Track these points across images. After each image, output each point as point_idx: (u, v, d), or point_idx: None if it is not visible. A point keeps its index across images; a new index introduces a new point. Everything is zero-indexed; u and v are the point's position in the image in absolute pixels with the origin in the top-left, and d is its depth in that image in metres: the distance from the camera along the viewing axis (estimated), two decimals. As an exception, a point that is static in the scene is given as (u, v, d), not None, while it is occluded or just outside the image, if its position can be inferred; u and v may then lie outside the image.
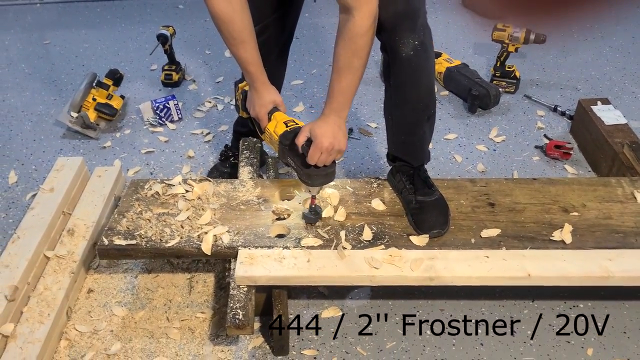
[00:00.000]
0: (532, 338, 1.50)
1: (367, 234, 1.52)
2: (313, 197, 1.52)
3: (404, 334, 1.52)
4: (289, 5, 1.61)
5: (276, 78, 1.81)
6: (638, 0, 3.49)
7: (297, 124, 1.49)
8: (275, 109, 1.56)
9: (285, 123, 1.50)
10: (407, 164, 1.62)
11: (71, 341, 1.49)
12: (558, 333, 1.51)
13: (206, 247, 1.48)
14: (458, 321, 1.55)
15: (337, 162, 1.48)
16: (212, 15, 1.43)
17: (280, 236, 1.53)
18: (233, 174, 1.89)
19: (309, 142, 1.36)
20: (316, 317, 1.56)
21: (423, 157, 1.64)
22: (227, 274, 1.64)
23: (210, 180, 1.71)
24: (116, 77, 2.42)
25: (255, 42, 1.50)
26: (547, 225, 1.56)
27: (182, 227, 1.55)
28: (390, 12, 1.29)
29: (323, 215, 1.57)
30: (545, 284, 1.44)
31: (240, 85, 1.66)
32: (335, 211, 1.59)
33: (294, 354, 1.47)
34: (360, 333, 1.52)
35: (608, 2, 3.43)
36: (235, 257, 1.47)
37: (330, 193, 1.65)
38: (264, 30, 1.64)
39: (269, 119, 1.55)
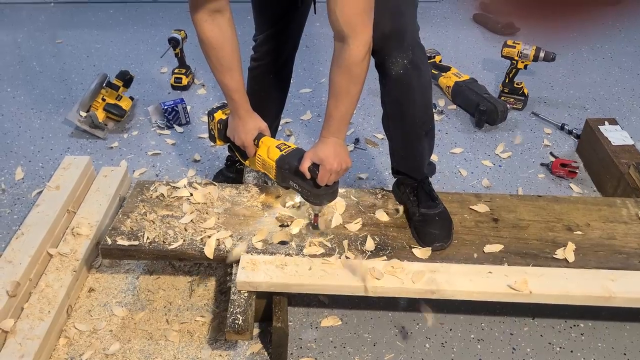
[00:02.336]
0: (532, 356, 1.50)
1: (370, 245, 1.52)
2: (316, 216, 1.54)
3: (403, 346, 1.51)
4: (293, 14, 1.62)
5: (282, 87, 1.82)
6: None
7: (289, 146, 1.50)
8: (260, 134, 1.54)
9: (278, 147, 1.49)
10: (410, 177, 1.62)
11: (70, 339, 1.49)
12: (558, 352, 1.51)
13: (209, 251, 1.49)
14: (458, 335, 1.54)
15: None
16: (202, 40, 1.41)
17: (282, 243, 1.54)
18: (238, 179, 1.90)
19: (315, 165, 1.38)
20: (316, 325, 1.56)
21: (424, 171, 1.64)
22: (228, 278, 1.64)
23: (215, 185, 1.72)
24: (126, 79, 2.44)
25: (241, 70, 1.49)
26: (551, 243, 1.56)
27: (186, 229, 1.55)
28: (378, 33, 1.30)
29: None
30: (547, 301, 1.44)
31: (216, 115, 1.62)
32: (340, 221, 1.59)
33: (292, 362, 1.47)
34: (360, 343, 1.52)
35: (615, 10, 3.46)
36: (237, 262, 1.48)
37: (335, 201, 1.65)
38: (270, 39, 1.65)
39: (257, 145, 1.54)
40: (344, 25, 1.24)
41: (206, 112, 1.62)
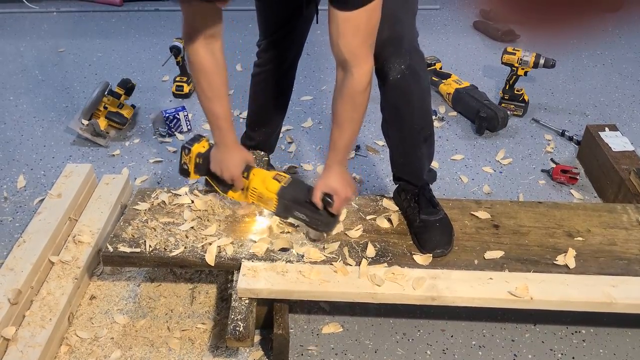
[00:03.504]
0: (533, 362, 1.50)
1: (371, 251, 1.52)
2: (314, 241, 1.56)
3: (405, 352, 1.51)
4: (297, 20, 1.63)
5: (284, 94, 1.83)
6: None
7: (284, 176, 1.48)
8: (249, 166, 1.51)
9: (275, 179, 1.46)
10: (410, 183, 1.62)
11: (71, 347, 1.49)
12: (560, 358, 1.50)
13: (210, 258, 1.49)
14: (459, 342, 1.54)
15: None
16: (194, 66, 1.40)
17: (283, 250, 1.54)
18: (239, 186, 1.90)
19: (327, 195, 1.41)
20: (317, 332, 1.56)
21: (424, 177, 1.64)
22: (229, 285, 1.64)
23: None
24: (128, 87, 2.45)
25: (228, 99, 1.48)
26: (551, 249, 1.56)
27: (187, 237, 1.56)
28: (376, 40, 1.31)
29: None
30: (548, 308, 1.44)
31: (192, 149, 1.56)
32: (341, 227, 1.60)
33: (293, 369, 1.47)
34: (361, 350, 1.52)
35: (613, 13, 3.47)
36: (238, 269, 1.48)
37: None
38: (273, 45, 1.66)
39: (247, 178, 1.50)
40: (347, 56, 1.26)
41: (181, 147, 1.59)
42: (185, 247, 1.52)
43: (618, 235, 1.62)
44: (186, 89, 2.67)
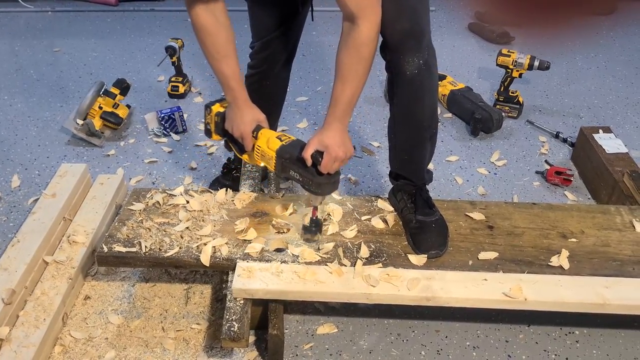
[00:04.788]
0: (526, 363, 1.50)
1: (365, 252, 1.53)
2: (315, 209, 1.51)
3: (399, 353, 1.51)
4: (292, 21, 1.63)
5: (279, 94, 1.83)
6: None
7: (289, 137, 1.49)
8: (259, 126, 1.53)
9: (279, 138, 1.47)
10: (410, 182, 1.63)
11: (66, 347, 1.49)
12: (553, 359, 1.51)
13: (205, 259, 1.49)
14: (453, 343, 1.55)
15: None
16: (197, 27, 1.43)
17: (278, 250, 1.54)
18: (234, 187, 1.90)
19: (319, 152, 1.37)
20: (312, 333, 1.56)
21: (425, 175, 1.64)
22: (224, 286, 1.64)
23: (211, 192, 1.73)
24: (123, 87, 2.44)
25: (237, 58, 1.50)
26: (545, 250, 1.57)
27: (182, 237, 1.56)
28: (397, 30, 1.31)
29: (324, 232, 1.58)
30: (542, 308, 1.44)
31: (213, 107, 1.60)
32: (336, 228, 1.60)
33: (288, 369, 1.47)
34: (355, 351, 1.52)
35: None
36: (233, 269, 1.48)
37: (333, 209, 1.66)
38: (267, 46, 1.66)
39: (255, 137, 1.52)
40: (353, 7, 1.25)
41: (204, 106, 1.62)
42: (180, 248, 1.52)
43: (611, 236, 1.62)
44: (181, 89, 2.67)
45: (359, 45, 1.29)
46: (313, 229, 1.53)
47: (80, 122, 2.29)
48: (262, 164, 1.55)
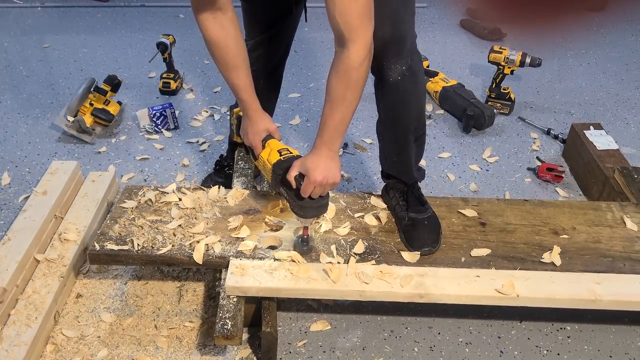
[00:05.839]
0: (519, 359, 1.51)
1: (359, 249, 1.53)
2: (305, 228, 1.48)
3: (392, 349, 1.52)
4: (285, 20, 1.63)
5: (272, 92, 1.83)
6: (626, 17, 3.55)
7: (291, 152, 1.48)
8: (269, 136, 1.55)
9: (280, 152, 1.48)
10: (401, 181, 1.63)
11: (57, 346, 1.48)
12: (545, 355, 1.52)
13: (198, 256, 1.48)
14: (446, 339, 1.55)
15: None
16: (207, 40, 1.44)
17: (272, 247, 1.54)
18: (227, 184, 1.90)
19: (302, 176, 1.35)
20: (305, 330, 1.56)
21: (415, 174, 1.65)
22: (217, 283, 1.63)
23: (204, 189, 1.72)
24: (114, 83, 2.43)
25: (249, 69, 1.49)
26: (537, 246, 1.57)
27: (175, 235, 1.55)
28: (377, 38, 1.29)
29: (317, 229, 1.58)
30: (534, 305, 1.45)
31: (235, 110, 1.68)
32: (329, 225, 1.60)
33: (281, 367, 1.47)
34: (349, 347, 1.52)
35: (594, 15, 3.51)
36: (227, 267, 1.48)
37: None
38: (260, 45, 1.66)
39: (263, 147, 1.55)
40: (343, 28, 1.22)
41: (229, 108, 1.67)
42: (172, 245, 1.52)
43: (603, 232, 1.64)
44: (173, 85, 2.65)
45: (349, 69, 1.26)
46: (304, 248, 1.51)
47: (71, 119, 2.28)
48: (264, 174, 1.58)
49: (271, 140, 1.55)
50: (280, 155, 1.48)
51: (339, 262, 1.48)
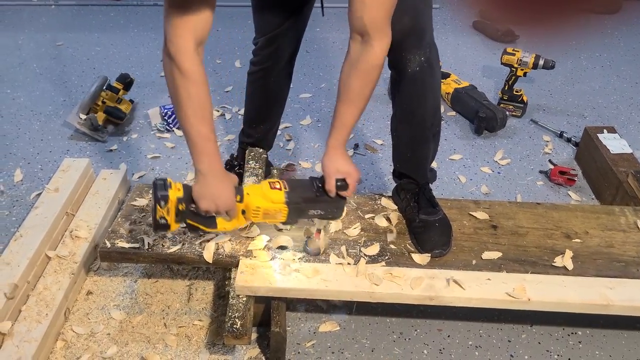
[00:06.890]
0: (529, 363, 1.50)
1: (369, 250, 1.52)
2: (318, 231, 1.48)
3: (401, 352, 1.51)
4: (297, 16, 1.62)
5: (282, 91, 1.83)
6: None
7: (278, 182, 1.39)
8: (237, 188, 1.36)
9: (274, 188, 1.37)
10: (413, 181, 1.62)
11: (67, 342, 1.48)
12: (556, 359, 1.51)
13: (208, 255, 1.48)
14: (456, 342, 1.54)
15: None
16: (184, 76, 1.21)
17: (282, 248, 1.54)
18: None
19: (340, 180, 1.37)
20: (314, 330, 1.56)
21: (428, 174, 1.64)
22: (227, 282, 1.64)
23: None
24: (126, 82, 2.44)
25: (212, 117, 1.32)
26: (549, 250, 1.56)
27: (185, 233, 1.55)
28: (397, 29, 1.30)
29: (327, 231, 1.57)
30: (545, 309, 1.44)
31: (170, 196, 1.29)
32: (340, 226, 1.60)
33: (290, 367, 1.47)
34: (358, 349, 1.52)
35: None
36: (236, 266, 1.48)
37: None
38: (272, 42, 1.65)
39: (241, 201, 1.36)
40: (368, 26, 1.22)
41: (154, 202, 1.29)
42: (183, 244, 1.52)
43: (616, 237, 1.62)
44: (185, 84, 2.66)
45: (371, 68, 1.28)
46: (315, 248, 1.51)
47: (83, 116, 2.29)
48: (262, 222, 1.43)
49: (246, 187, 1.38)
50: (280, 189, 1.36)
51: (349, 263, 1.48)
